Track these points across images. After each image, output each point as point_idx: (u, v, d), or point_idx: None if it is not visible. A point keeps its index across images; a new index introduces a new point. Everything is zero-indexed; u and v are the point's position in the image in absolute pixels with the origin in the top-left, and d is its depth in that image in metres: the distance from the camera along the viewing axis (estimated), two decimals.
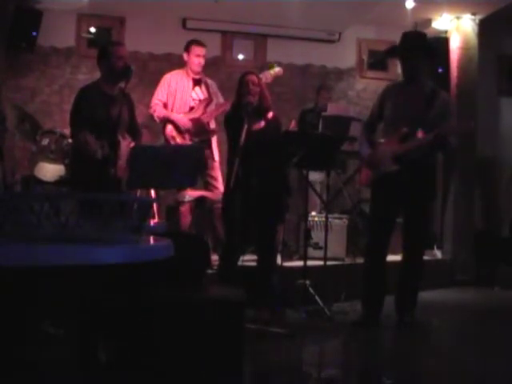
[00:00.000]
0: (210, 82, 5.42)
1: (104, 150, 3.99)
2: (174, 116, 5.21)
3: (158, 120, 5.30)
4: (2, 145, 5.15)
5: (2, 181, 4.95)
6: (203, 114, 5.21)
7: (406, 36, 4.32)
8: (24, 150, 6.03)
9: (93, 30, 6.85)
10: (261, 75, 4.63)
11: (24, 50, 6.41)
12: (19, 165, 6.05)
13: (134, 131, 4.36)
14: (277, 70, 4.92)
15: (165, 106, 5.26)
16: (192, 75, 5.31)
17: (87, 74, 6.58)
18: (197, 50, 5.26)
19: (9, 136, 5.55)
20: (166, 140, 5.25)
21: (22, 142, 5.85)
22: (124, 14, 6.83)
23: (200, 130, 5.20)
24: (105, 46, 4.26)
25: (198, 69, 5.29)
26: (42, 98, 6.73)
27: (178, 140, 5.17)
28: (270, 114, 4.30)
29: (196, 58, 5.25)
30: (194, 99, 5.29)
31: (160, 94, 5.27)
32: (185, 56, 5.31)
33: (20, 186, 5.35)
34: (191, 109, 5.25)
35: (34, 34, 6.27)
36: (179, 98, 5.25)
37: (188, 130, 5.18)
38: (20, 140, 5.85)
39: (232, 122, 4.23)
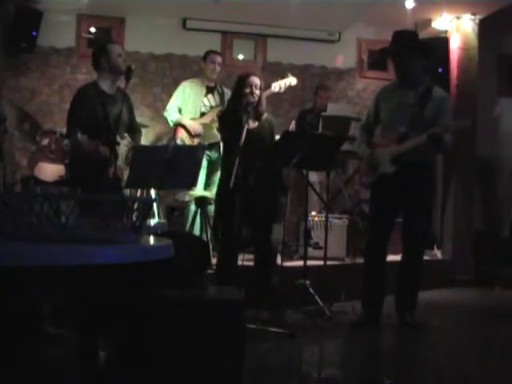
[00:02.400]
0: (226, 90, 5.61)
1: (100, 150, 3.97)
2: (186, 121, 5.47)
3: (171, 123, 5.58)
4: (2, 145, 5.14)
5: (2, 181, 4.95)
6: (213, 119, 5.38)
7: (396, 36, 4.24)
8: (24, 150, 6.03)
9: (93, 30, 6.86)
10: (273, 84, 4.84)
11: (24, 50, 6.42)
12: (19, 165, 6.06)
13: (133, 131, 4.36)
14: (291, 79, 5.02)
15: (180, 110, 5.54)
16: (207, 82, 5.58)
17: (87, 74, 6.57)
18: (213, 57, 5.57)
19: (9, 136, 5.55)
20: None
21: (22, 142, 5.86)
22: (124, 14, 6.83)
23: (209, 135, 5.41)
24: (103, 45, 4.25)
25: (213, 75, 5.57)
26: (41, 98, 6.73)
27: (188, 143, 5.40)
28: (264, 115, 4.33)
29: (211, 64, 5.53)
30: (205, 105, 5.54)
31: (176, 100, 5.56)
32: (201, 64, 5.61)
33: (20, 186, 5.35)
34: (202, 114, 5.49)
35: (34, 33, 6.28)
36: (191, 103, 5.52)
37: (198, 135, 5.44)
38: (20, 140, 5.85)
39: (228, 121, 4.22)
